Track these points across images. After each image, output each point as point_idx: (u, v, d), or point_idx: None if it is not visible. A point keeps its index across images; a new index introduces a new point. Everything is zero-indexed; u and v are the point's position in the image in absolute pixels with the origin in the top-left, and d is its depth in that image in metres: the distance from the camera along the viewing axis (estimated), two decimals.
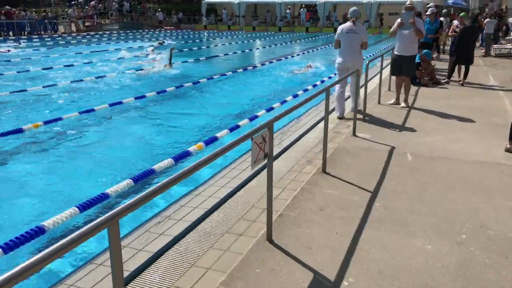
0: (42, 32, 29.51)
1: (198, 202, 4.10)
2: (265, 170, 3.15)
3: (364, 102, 6.92)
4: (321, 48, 23.35)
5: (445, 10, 16.58)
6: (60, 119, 7.38)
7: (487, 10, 27.33)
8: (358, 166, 4.90)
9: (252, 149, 2.76)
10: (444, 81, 10.57)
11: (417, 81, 10.22)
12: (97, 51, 19.72)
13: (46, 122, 7.15)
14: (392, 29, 7.90)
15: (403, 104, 7.95)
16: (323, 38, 30.98)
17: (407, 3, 7.89)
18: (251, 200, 4.04)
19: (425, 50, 10.56)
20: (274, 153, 3.90)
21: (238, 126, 6.59)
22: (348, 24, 7.11)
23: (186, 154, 5.28)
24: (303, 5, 39.89)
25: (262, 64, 15.91)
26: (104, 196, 3.97)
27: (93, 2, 35.86)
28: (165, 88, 10.32)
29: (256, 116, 7.35)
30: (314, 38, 30.87)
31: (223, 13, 42.04)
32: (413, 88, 9.60)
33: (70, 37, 27.72)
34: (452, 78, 10.73)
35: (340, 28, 7.20)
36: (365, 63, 7.99)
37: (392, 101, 8.21)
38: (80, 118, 7.86)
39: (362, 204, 3.90)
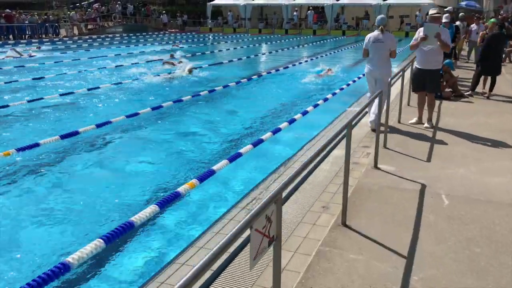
0: (43, 36, 28.84)
1: None
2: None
3: (386, 123, 6.02)
4: (337, 52, 22.66)
5: (462, 13, 15.50)
6: (109, 122, 7.69)
7: (502, 12, 26.23)
8: (384, 213, 4.01)
9: (252, 241, 1.89)
10: (467, 93, 9.63)
11: (438, 94, 9.29)
12: (113, 55, 19.63)
13: (98, 125, 7.44)
14: (413, 42, 6.97)
15: (426, 125, 7.04)
16: (332, 42, 30.05)
17: (432, 12, 6.94)
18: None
19: (447, 60, 9.64)
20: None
21: (239, 154, 5.73)
22: (375, 32, 6.87)
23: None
24: (310, 7, 38.96)
25: (277, 70, 15.34)
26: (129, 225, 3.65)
27: (96, 4, 35.20)
28: (191, 93, 10.54)
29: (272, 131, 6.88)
30: (322, 41, 29.93)
31: (229, 16, 41.22)
32: (435, 102, 8.71)
33: (79, 41, 27.14)
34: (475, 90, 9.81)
35: (367, 37, 6.94)
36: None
37: (414, 120, 7.31)
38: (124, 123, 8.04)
39: (395, 277, 3.02)
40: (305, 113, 8.23)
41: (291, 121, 7.62)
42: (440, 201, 4.26)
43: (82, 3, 37.04)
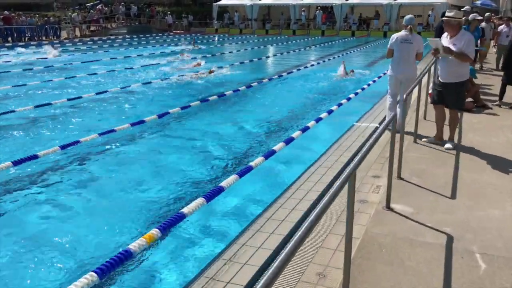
0: (44, 38, 28.15)
1: None
2: None
3: (401, 147, 4.96)
4: (355, 51, 22.07)
5: (488, 13, 14.08)
6: (143, 121, 7.86)
7: None
8: (400, 283, 3.00)
9: None
10: (495, 103, 8.53)
11: None
12: (127, 57, 19.62)
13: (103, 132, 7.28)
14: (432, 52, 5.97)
15: (448, 145, 5.97)
16: (341, 43, 28.93)
17: (448, 14, 5.82)
18: None
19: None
20: None
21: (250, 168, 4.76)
22: (403, 32, 6.54)
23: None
24: (319, 7, 37.85)
25: (289, 73, 14.83)
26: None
27: (99, 6, 34.47)
28: (215, 94, 10.55)
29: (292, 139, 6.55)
30: (331, 42, 28.82)
31: (235, 16, 40.26)
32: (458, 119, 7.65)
33: (89, 42, 26.49)
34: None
35: (394, 36, 6.61)
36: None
37: (432, 138, 6.25)
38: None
39: None
40: (319, 119, 7.78)
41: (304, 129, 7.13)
42: (474, 264, 3.23)
43: (86, 5, 36.25)
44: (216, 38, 33.55)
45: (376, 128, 7.18)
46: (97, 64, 17.10)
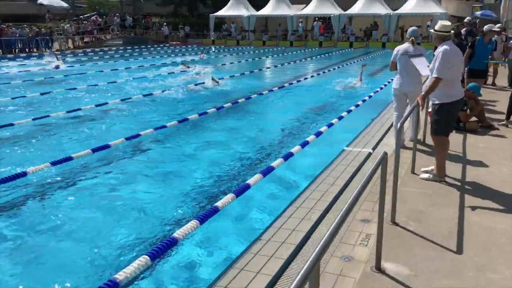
0: (35, 50, 27.52)
1: None
2: None
3: (395, 184, 4.14)
4: (352, 62, 21.68)
5: (500, 24, 13.06)
6: (164, 126, 8.15)
7: None
8: None
9: None
10: (502, 123, 7.74)
11: (461, 125, 7.44)
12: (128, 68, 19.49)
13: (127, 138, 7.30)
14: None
15: (423, 175, 5.19)
16: (338, 54, 28.27)
17: (439, 26, 5.06)
18: None
19: (471, 84, 7.79)
20: None
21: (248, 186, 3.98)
22: (405, 45, 6.38)
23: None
24: (316, 18, 37.29)
25: (290, 83, 14.56)
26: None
27: (93, 17, 33.92)
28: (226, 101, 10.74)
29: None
30: (328, 54, 28.17)
31: (232, 27, 39.72)
32: (457, 137, 6.87)
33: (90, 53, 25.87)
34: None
35: (396, 49, 6.45)
36: None
37: (430, 172, 5.34)
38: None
39: None
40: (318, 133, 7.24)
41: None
42: None
43: (80, 16, 35.69)
44: (213, 48, 33.05)
45: (369, 154, 6.39)
46: (95, 76, 16.86)
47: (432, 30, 5.06)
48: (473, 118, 7.72)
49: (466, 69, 9.67)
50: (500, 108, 9.12)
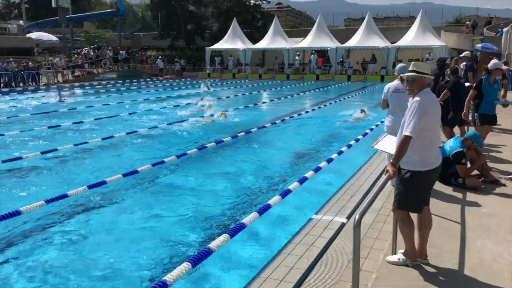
0: (21, 84, 26.73)
1: None
2: None
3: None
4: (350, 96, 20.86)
5: (504, 60, 11.78)
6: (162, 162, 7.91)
7: None
8: None
9: None
10: (509, 177, 6.41)
11: (460, 181, 6.12)
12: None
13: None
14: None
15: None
16: (336, 88, 27.28)
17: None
18: None
19: (471, 132, 6.53)
20: None
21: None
22: (395, 82, 6.30)
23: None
24: (313, 51, 36.65)
25: (290, 117, 14.49)
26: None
27: (85, 51, 33.36)
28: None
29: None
30: (325, 88, 27.18)
31: (229, 60, 39.13)
32: (455, 197, 5.55)
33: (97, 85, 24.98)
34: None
35: (386, 87, 6.40)
36: None
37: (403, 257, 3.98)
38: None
39: None
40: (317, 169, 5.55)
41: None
42: None
43: (73, 51, 35.16)
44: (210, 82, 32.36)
45: (343, 224, 5.05)
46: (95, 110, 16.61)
47: (407, 74, 3.79)
48: (475, 172, 6.42)
49: (476, 114, 8.26)
50: (507, 156, 7.83)
